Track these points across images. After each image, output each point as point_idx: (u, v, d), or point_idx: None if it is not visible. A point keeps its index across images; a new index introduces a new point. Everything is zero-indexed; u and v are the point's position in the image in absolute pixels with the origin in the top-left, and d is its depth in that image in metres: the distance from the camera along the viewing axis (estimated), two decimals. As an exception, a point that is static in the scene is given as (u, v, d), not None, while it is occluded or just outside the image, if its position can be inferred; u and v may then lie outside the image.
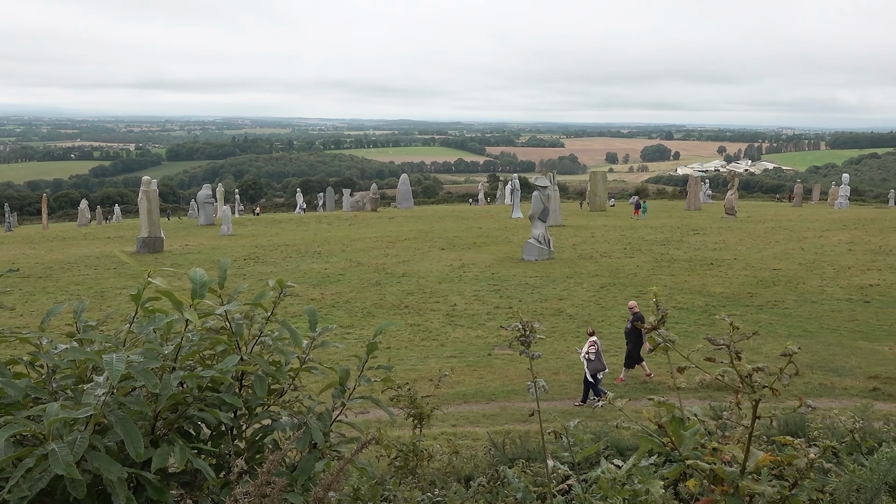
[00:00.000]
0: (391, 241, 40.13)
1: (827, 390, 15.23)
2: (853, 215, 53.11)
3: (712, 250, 35.01)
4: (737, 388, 2.17)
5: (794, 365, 2.13)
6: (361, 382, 2.98)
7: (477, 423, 14.22)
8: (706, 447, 2.19)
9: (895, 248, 34.38)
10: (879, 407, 12.94)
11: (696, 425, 2.28)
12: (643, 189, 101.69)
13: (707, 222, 48.60)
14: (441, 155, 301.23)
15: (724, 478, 2.09)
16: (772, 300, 24.11)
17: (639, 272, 29.52)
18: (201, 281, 2.69)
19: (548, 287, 26.91)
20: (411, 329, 21.62)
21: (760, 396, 2.13)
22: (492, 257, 33.88)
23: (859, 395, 14.69)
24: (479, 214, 61.12)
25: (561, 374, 17.02)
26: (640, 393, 14.70)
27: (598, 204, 64.24)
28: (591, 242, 38.67)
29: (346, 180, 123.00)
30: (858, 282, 26.69)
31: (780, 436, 2.37)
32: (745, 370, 2.15)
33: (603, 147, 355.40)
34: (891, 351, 18.18)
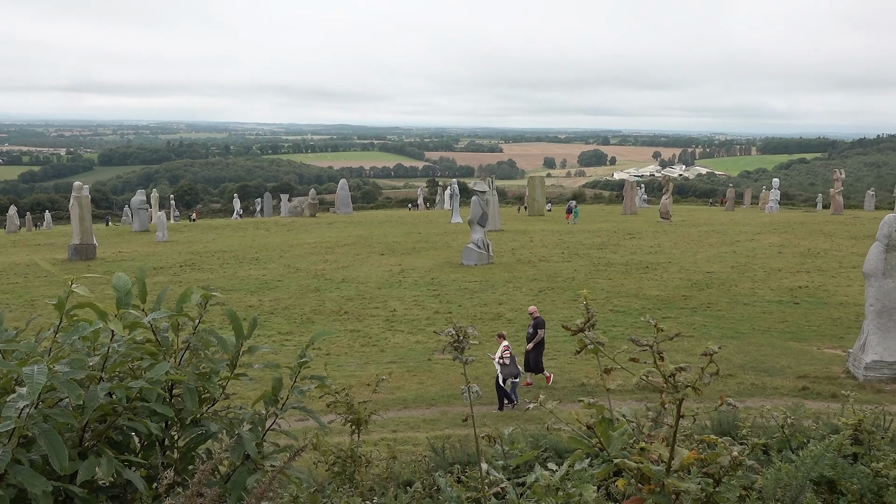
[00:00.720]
0: (330, 246, 39.90)
1: (759, 390, 15.57)
2: (783, 219, 54.56)
3: (648, 254, 35.59)
4: (661, 389, 2.21)
5: (716, 364, 2.17)
6: (293, 394, 2.94)
7: (417, 429, 14.20)
8: (634, 447, 2.22)
9: (823, 251, 35.41)
10: (809, 405, 13.25)
11: (625, 426, 2.32)
12: (580, 194, 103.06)
13: (643, 226, 49.42)
14: (380, 160, 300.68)
15: (651, 476, 2.13)
16: (705, 302, 24.61)
17: (576, 276, 29.86)
18: (125, 288, 2.63)
19: (487, 292, 27.04)
20: (351, 335, 21.51)
21: (683, 396, 2.17)
22: (431, 262, 33.91)
23: (789, 394, 15.06)
24: (418, 219, 61.16)
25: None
26: (574, 395, 14.87)
27: (536, 209, 64.80)
28: (530, 247, 38.98)
29: (285, 185, 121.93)
30: (788, 284, 27.40)
31: (707, 434, 2.42)
32: (668, 370, 2.19)
33: (541, 152, 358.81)
34: (819, 351, 18.69)
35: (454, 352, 2.99)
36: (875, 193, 75.89)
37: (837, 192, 61.23)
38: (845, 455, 4.70)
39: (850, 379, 15.87)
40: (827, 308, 23.55)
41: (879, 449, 4.73)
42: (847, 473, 4.27)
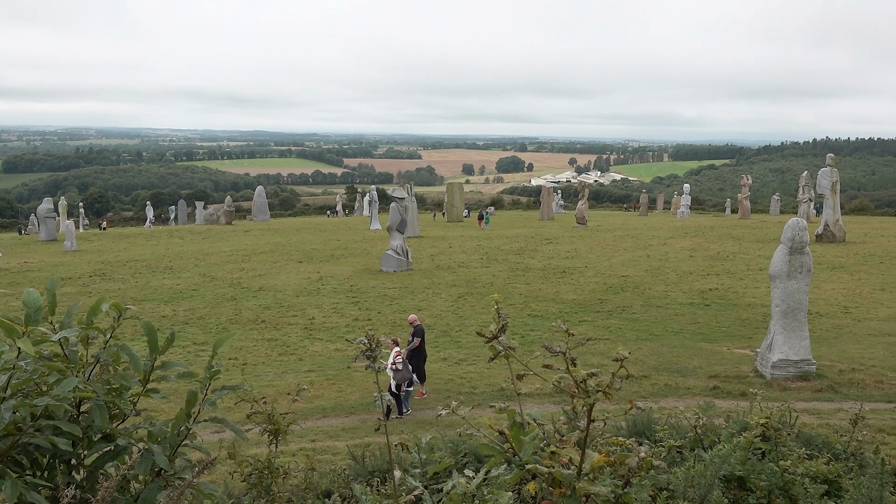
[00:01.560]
0: (247, 254, 39.29)
1: (672, 390, 15.94)
2: (694, 223, 56.09)
3: (565, 259, 36.12)
4: (572, 393, 2.24)
5: (626, 369, 2.21)
6: (205, 406, 2.87)
7: (336, 438, 14.08)
8: (545, 451, 2.24)
9: (732, 254, 36.52)
10: (720, 404, 13.64)
11: (535, 430, 2.34)
12: (498, 200, 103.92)
13: (560, 232, 50.16)
14: (298, 167, 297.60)
15: (562, 480, 2.15)
16: (621, 305, 25.09)
17: (495, 281, 30.10)
18: (35, 305, 2.54)
19: (406, 298, 27.02)
20: (268, 344, 21.21)
21: (595, 400, 2.20)
22: (350, 269, 33.72)
23: (701, 393, 15.46)
24: (337, 226, 60.76)
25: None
26: (492, 400, 14.97)
27: (455, 215, 65.13)
28: (449, 253, 39.13)
29: (200, 193, 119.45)
30: (699, 286, 28.16)
31: (622, 436, 2.47)
32: (579, 376, 2.22)
33: (459, 159, 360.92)
34: (729, 351, 19.25)
35: (367, 360, 2.97)
36: (780, 198, 78.72)
37: (745, 197, 63.27)
38: (755, 452, 4.86)
39: (759, 377, 16.38)
40: (736, 309, 24.28)
41: (786, 445, 4.90)
42: (756, 470, 4.41)
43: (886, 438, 11.72)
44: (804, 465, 4.51)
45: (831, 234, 40.47)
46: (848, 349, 18.99)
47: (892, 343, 19.58)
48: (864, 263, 32.87)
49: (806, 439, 6.17)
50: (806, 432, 6.90)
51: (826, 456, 4.99)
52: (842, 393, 15.32)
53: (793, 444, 4.89)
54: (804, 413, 13.22)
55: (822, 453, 5.12)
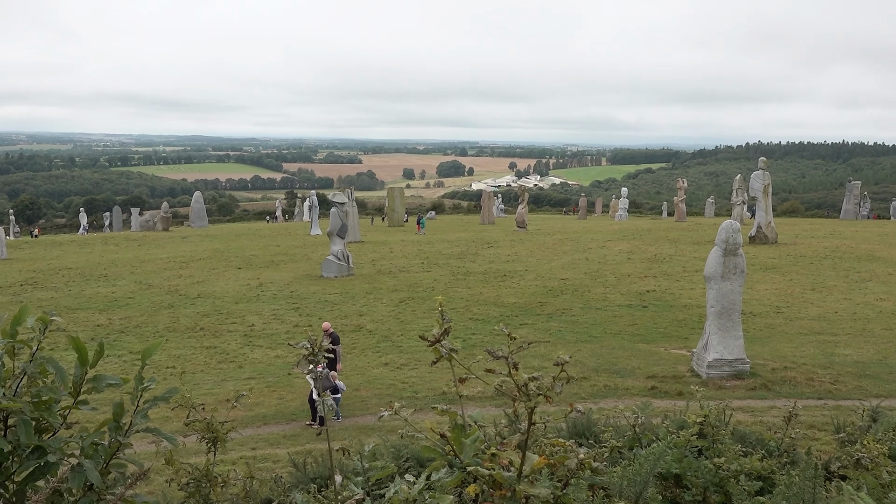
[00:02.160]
0: (184, 261, 38.65)
1: (611, 391, 16.15)
2: (631, 226, 56.94)
3: (505, 262, 36.34)
4: (514, 397, 2.26)
5: (567, 374, 2.24)
6: (137, 417, 2.82)
7: (278, 445, 13.94)
8: (486, 453, 2.26)
9: (668, 256, 37.17)
10: (657, 404, 13.86)
11: (476, 432, 2.35)
12: (439, 204, 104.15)
13: (500, 235, 50.45)
14: (236, 172, 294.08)
15: (503, 482, 2.17)
16: (561, 308, 25.33)
17: (436, 285, 30.14)
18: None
19: (348, 303, 26.89)
20: (207, 352, 20.89)
21: (536, 404, 2.22)
22: (290, 275, 33.42)
23: (640, 393, 15.69)
24: (276, 232, 60.19)
25: (362, 389, 17.02)
26: (434, 403, 14.97)
27: (396, 219, 65.07)
28: (390, 258, 39.06)
29: (135, 199, 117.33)
30: (637, 288, 28.59)
31: (562, 437, 2.49)
32: (521, 380, 2.24)
33: (400, 163, 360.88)
34: (666, 351, 19.58)
35: (309, 365, 2.94)
36: (714, 201, 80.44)
37: (681, 200, 64.50)
38: (692, 450, 4.95)
39: (695, 377, 16.68)
40: (673, 310, 24.71)
41: (722, 443, 5.00)
42: (692, 468, 4.49)
43: (817, 434, 12.03)
44: (739, 462, 4.61)
45: (764, 235, 41.47)
46: (780, 348, 19.47)
47: (822, 341, 20.14)
48: (796, 264, 33.75)
49: (741, 437, 6.31)
50: (741, 430, 7.05)
51: (760, 452, 5.11)
52: (774, 391, 15.71)
53: (728, 442, 5.00)
54: (739, 411, 13.52)
55: (756, 450, 5.23)
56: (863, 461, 4.46)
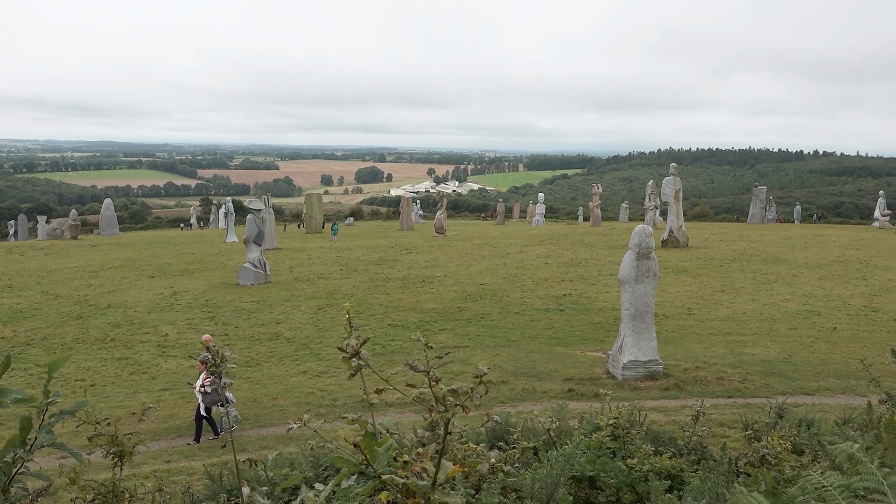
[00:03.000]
0: (94, 270, 37.49)
1: (529, 394, 16.31)
2: (548, 231, 57.69)
3: (424, 268, 36.38)
4: (430, 407, 2.26)
5: (485, 385, 2.25)
6: (42, 433, 2.72)
7: (193, 457, 13.63)
8: (398, 461, 2.25)
9: (584, 260, 37.78)
10: (574, 406, 14.04)
11: (389, 440, 2.34)
12: (358, 210, 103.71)
13: (419, 241, 50.48)
14: (149, 178, 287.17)
15: (417, 490, 2.16)
16: (479, 313, 25.48)
17: (355, 292, 29.97)
18: None
19: (265, 311, 26.51)
20: (118, 363, 20.31)
21: (453, 414, 2.23)
22: (206, 284, 32.77)
23: (557, 396, 15.88)
24: (191, 239, 58.95)
25: (280, 398, 16.79)
26: (352, 412, 14.86)
27: (314, 226, 64.51)
28: (308, 264, 38.68)
29: (42, 206, 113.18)
30: (554, 292, 28.98)
31: (477, 442, 2.50)
32: (440, 392, 2.25)
33: (318, 169, 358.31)
34: (582, 354, 19.89)
35: (212, 376, 2.88)
36: (628, 206, 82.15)
37: (596, 205, 65.67)
38: (605, 451, 5.03)
39: (611, 379, 17.00)
40: (589, 314, 25.12)
41: (633, 443, 5.10)
42: (605, 469, 4.56)
43: (727, 432, 12.36)
44: (650, 461, 4.71)
45: (675, 239, 42.56)
46: (692, 348, 19.99)
47: (731, 341, 20.76)
48: (706, 267, 34.72)
49: (654, 436, 6.44)
50: (654, 429, 7.20)
51: (671, 451, 5.23)
52: (687, 390, 16.10)
53: (640, 442, 5.09)
54: (653, 411, 13.80)
55: (668, 449, 5.35)
56: (767, 457, 4.61)
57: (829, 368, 17.75)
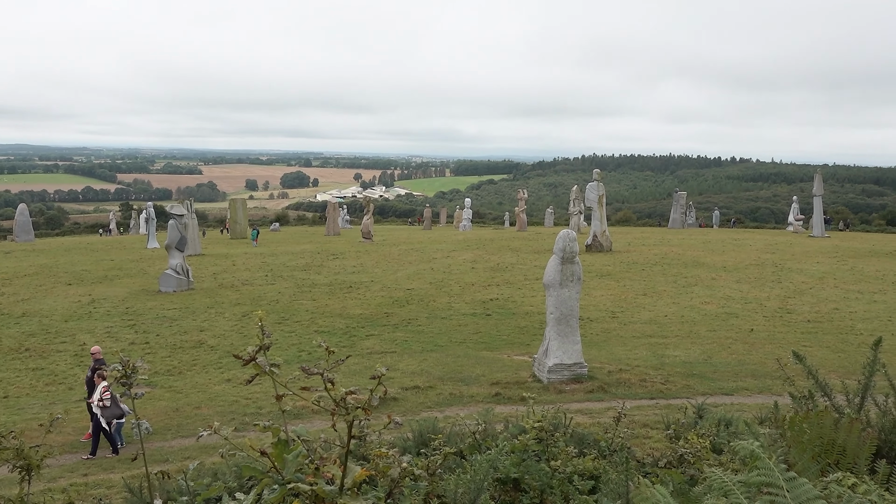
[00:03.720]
0: (7, 277, 36.21)
1: (457, 399, 16.33)
2: (475, 236, 58.02)
3: (351, 273, 36.18)
4: (332, 411, 2.23)
5: (384, 386, 2.24)
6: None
7: (112, 470, 13.25)
8: (309, 467, 2.22)
9: (510, 265, 38.10)
10: (500, 409, 14.18)
11: (299, 447, 2.31)
12: (284, 216, 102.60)
13: (346, 247, 50.22)
14: (66, 183, 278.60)
15: (325, 496, 2.14)
16: (406, 318, 25.44)
17: (281, 298, 29.61)
18: None
19: (187, 318, 25.98)
20: (33, 374, 19.62)
21: (354, 417, 2.20)
22: (126, 291, 31.96)
23: (484, 400, 15.93)
24: (110, 246, 57.44)
25: (203, 407, 16.46)
26: (276, 419, 14.65)
27: (238, 231, 63.57)
28: (233, 270, 38.08)
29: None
30: (481, 297, 29.13)
31: (379, 448, 2.49)
32: (339, 395, 2.22)
33: (243, 174, 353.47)
34: (509, 358, 20.02)
35: (121, 387, 2.80)
36: (553, 211, 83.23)
37: (522, 210, 66.35)
38: (530, 454, 5.06)
39: (537, 382, 17.15)
40: (515, 318, 25.32)
41: (557, 446, 5.14)
42: (530, 471, 4.59)
43: (650, 433, 12.60)
44: (573, 462, 4.76)
45: (599, 244, 43.26)
46: (615, 351, 20.32)
47: (653, 344, 21.18)
48: (629, 271, 35.39)
49: (579, 438, 6.53)
50: (580, 431, 7.29)
51: (594, 452, 5.30)
52: (611, 392, 16.36)
53: (562, 445, 5.14)
54: (578, 413, 13.99)
55: (591, 450, 5.42)
56: (685, 456, 4.71)
57: (747, 369, 18.26)
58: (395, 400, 15.96)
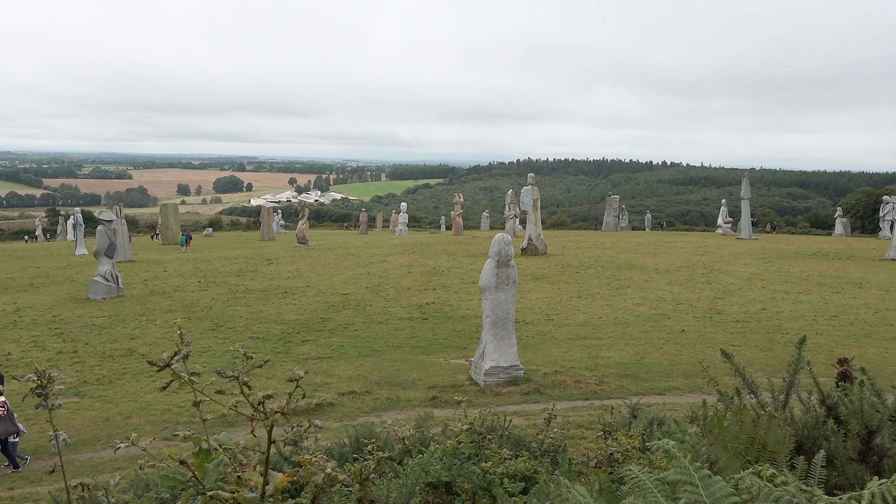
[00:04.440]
0: (-73, 286, 34.97)
1: (394, 403, 16.31)
2: (411, 240, 58.02)
3: (286, 279, 35.85)
4: (251, 417, 2.22)
5: (302, 389, 2.24)
6: None
7: (38, 483, 12.89)
8: (231, 476, 2.20)
9: (447, 268, 38.20)
10: (438, 413, 14.18)
11: (221, 456, 2.29)
12: (217, 221, 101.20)
13: (281, 252, 49.74)
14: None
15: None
16: (342, 323, 25.31)
17: (214, 304, 29.18)
18: None
19: (118, 326, 25.41)
20: (-45, 386, 18.96)
21: (273, 422, 2.20)
22: (53, 299, 31.13)
23: (421, 404, 15.95)
24: (36, 252, 55.88)
25: (134, 416, 16.13)
26: (210, 428, 14.43)
27: (170, 237, 62.49)
28: (164, 277, 37.39)
29: None
30: (417, 301, 29.13)
31: (302, 455, 2.48)
32: (256, 399, 2.21)
33: (174, 178, 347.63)
34: (446, 362, 20.07)
35: (37, 398, 2.75)
36: (489, 215, 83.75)
37: (458, 214, 66.56)
38: (463, 456, 5.09)
39: (473, 385, 17.23)
40: (451, 321, 25.39)
41: (489, 448, 5.19)
42: (461, 474, 4.62)
43: (585, 433, 12.78)
44: (504, 464, 4.80)
45: (534, 247, 43.66)
46: (551, 353, 20.53)
47: (588, 345, 21.46)
48: (563, 273, 35.79)
49: (515, 440, 6.59)
50: (515, 433, 7.36)
51: (526, 454, 5.35)
52: (546, 394, 16.52)
53: (494, 447, 5.19)
54: (514, 415, 14.08)
55: (524, 452, 5.48)
56: (615, 455, 4.80)
57: (679, 369, 18.63)
58: (331, 405, 15.88)
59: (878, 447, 3.54)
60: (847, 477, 3.40)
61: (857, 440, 3.63)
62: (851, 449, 3.58)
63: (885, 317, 25.07)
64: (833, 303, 27.83)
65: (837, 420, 4.05)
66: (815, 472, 2.86)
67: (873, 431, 3.63)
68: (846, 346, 20.47)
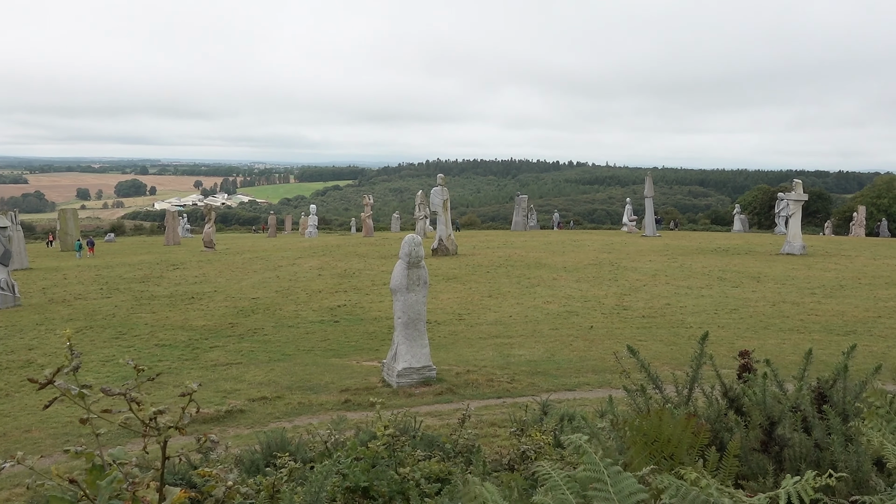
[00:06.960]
0: None
1: (306, 408, 16.11)
2: (321, 243, 57.53)
3: (193, 284, 35.07)
4: (144, 433, 2.17)
5: (196, 403, 2.19)
6: None
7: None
8: (126, 493, 2.14)
9: (358, 271, 38.01)
10: (351, 416, 14.09)
11: (115, 472, 2.22)
12: (119, 225, 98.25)
13: (187, 256, 48.64)
14: None
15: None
16: (252, 328, 24.90)
17: (118, 312, 28.31)
18: None
19: (14, 337, 24.39)
20: None
21: (167, 437, 2.15)
22: (-57, 310, 29.69)
23: (334, 408, 15.79)
24: (-75, 262, 53.20)
25: (34, 430, 15.49)
26: (119, 441, 14.00)
27: (69, 243, 60.37)
28: (64, 285, 36.08)
29: None
30: (328, 304, 28.89)
31: (201, 468, 2.43)
32: (147, 414, 2.16)
33: (73, 183, 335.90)
34: (358, 364, 19.95)
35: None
36: (400, 216, 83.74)
37: (368, 216, 66.35)
38: (381, 460, 5.07)
39: (386, 387, 17.17)
40: (363, 324, 25.26)
41: (404, 450, 5.18)
42: (378, 478, 4.60)
43: (498, 431, 12.87)
44: (419, 466, 4.81)
45: (445, 247, 43.86)
46: (463, 353, 20.64)
47: (499, 344, 21.66)
48: (474, 273, 36.04)
49: (429, 441, 6.59)
50: (429, 434, 7.37)
51: (440, 455, 5.36)
52: (459, 394, 16.59)
53: (408, 449, 5.18)
54: (428, 416, 14.14)
55: (437, 453, 5.48)
56: (528, 452, 4.85)
57: (588, 364, 18.97)
58: (242, 412, 15.59)
59: (779, 437, 3.68)
60: (750, 467, 3.51)
61: (759, 431, 3.76)
62: (754, 439, 3.70)
63: (781, 309, 26.11)
64: (733, 297, 28.83)
65: (739, 412, 4.19)
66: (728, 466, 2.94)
67: (775, 422, 3.77)
68: (746, 339, 21.22)
